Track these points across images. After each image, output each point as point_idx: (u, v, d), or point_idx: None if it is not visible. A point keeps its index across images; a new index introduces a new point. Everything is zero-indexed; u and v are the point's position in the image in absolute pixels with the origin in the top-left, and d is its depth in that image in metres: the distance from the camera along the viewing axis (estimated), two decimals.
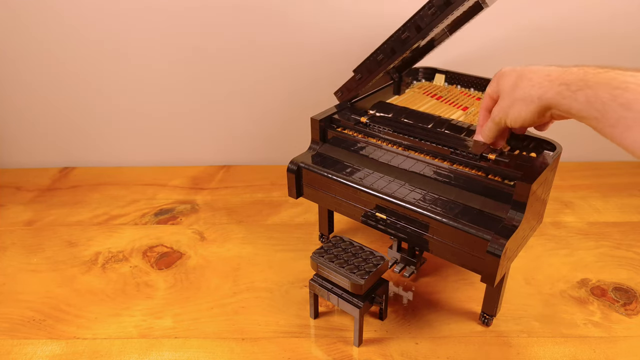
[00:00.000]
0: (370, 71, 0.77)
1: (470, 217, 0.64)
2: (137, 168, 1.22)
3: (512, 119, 0.58)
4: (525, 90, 0.55)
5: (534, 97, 0.54)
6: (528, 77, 0.55)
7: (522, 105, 0.56)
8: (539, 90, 0.54)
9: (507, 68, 0.60)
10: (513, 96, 0.57)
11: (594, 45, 1.06)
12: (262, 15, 1.05)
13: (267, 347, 0.70)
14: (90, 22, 1.06)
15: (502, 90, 0.59)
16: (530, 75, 0.55)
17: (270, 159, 1.23)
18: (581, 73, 0.50)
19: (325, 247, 0.71)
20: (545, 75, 0.53)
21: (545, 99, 0.53)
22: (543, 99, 0.53)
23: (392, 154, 0.74)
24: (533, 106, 0.55)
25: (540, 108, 0.54)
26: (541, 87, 0.53)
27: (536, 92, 0.54)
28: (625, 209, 1.00)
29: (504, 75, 0.59)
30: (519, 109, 0.57)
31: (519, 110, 0.57)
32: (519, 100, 0.56)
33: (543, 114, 0.55)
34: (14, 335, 0.73)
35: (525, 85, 0.55)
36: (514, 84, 0.57)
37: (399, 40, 0.71)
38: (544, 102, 0.53)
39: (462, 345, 0.70)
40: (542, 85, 0.53)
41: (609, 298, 0.78)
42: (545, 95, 0.53)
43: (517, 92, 0.56)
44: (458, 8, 0.65)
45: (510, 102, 0.58)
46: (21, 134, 1.20)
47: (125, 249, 0.91)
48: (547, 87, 0.53)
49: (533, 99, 0.54)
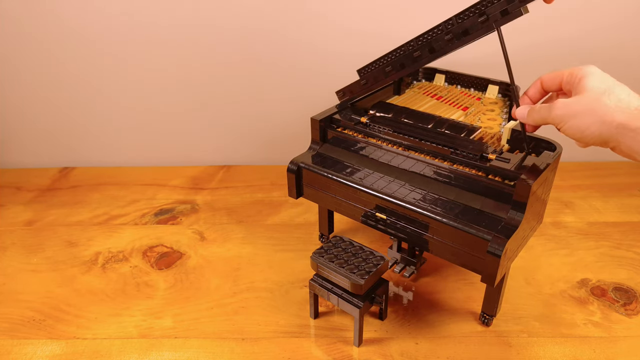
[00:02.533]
0: (377, 80, 0.77)
1: (470, 217, 0.64)
2: (137, 168, 1.22)
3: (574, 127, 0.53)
4: (611, 107, 0.50)
5: (614, 121, 0.50)
6: (620, 95, 0.51)
7: (597, 120, 0.51)
8: (622, 116, 0.49)
9: (598, 69, 0.54)
10: (594, 104, 0.51)
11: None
12: (262, 15, 1.05)
13: (267, 347, 0.70)
14: (90, 22, 1.05)
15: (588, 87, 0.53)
16: (624, 96, 0.51)
17: (270, 159, 1.23)
18: None
19: (325, 247, 0.71)
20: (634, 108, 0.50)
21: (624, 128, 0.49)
22: (621, 127, 0.49)
23: (392, 154, 0.74)
24: (605, 129, 0.51)
25: (608, 136, 0.51)
26: (630, 114, 0.49)
27: (619, 116, 0.49)
28: (625, 209, 1.00)
29: (596, 75, 0.54)
30: (590, 121, 0.51)
31: (589, 124, 0.52)
32: (597, 114, 0.51)
33: (606, 142, 0.52)
34: (14, 335, 0.73)
35: (614, 102, 0.50)
36: (605, 91, 0.52)
37: (410, 57, 0.71)
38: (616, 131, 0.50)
39: (462, 345, 0.70)
40: (631, 113, 0.49)
41: (609, 298, 0.78)
42: (629, 124, 0.49)
43: (602, 103, 0.51)
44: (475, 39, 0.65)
45: (586, 107, 0.52)
46: (21, 134, 1.20)
47: (125, 249, 0.91)
48: (635, 117, 0.49)
49: (612, 121, 0.50)
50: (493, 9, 0.62)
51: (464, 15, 0.65)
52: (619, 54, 1.07)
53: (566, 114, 0.54)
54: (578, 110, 0.53)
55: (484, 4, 0.62)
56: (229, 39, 1.07)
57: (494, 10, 0.62)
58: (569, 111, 0.54)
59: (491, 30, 0.64)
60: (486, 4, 0.62)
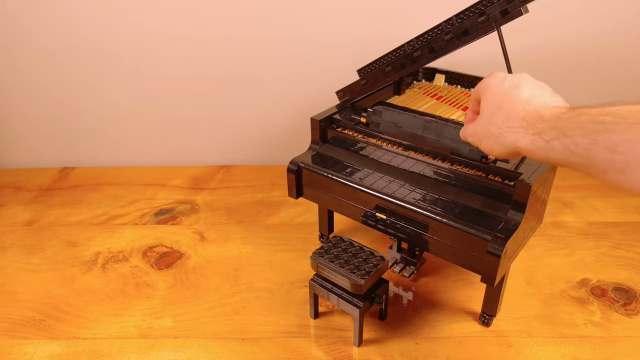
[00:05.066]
0: (377, 80, 0.77)
1: (470, 217, 0.64)
2: (137, 168, 1.22)
3: (485, 150, 0.54)
4: (501, 128, 0.50)
5: (508, 142, 0.50)
6: (505, 111, 0.50)
7: (495, 143, 0.51)
8: (513, 135, 0.49)
9: (495, 79, 0.53)
10: (488, 126, 0.52)
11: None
12: (262, 15, 1.05)
13: (267, 347, 0.70)
14: (90, 23, 1.05)
15: (482, 108, 0.54)
16: (508, 110, 0.50)
17: (270, 159, 1.23)
18: (553, 119, 0.46)
19: (325, 247, 0.71)
20: (520, 119, 0.48)
21: (518, 147, 0.49)
22: (516, 146, 0.49)
23: (392, 154, 0.74)
24: (506, 150, 0.50)
25: (514, 153, 0.50)
26: (516, 131, 0.49)
27: (511, 136, 0.49)
28: (625, 209, 1.00)
29: (488, 90, 0.53)
30: (492, 143, 0.52)
31: (492, 146, 0.52)
32: (493, 136, 0.51)
33: (516, 156, 0.52)
34: (14, 335, 0.73)
35: (501, 120, 0.50)
36: (492, 111, 0.51)
37: (410, 57, 0.71)
38: (517, 149, 0.49)
39: (462, 345, 0.70)
40: (517, 130, 0.48)
41: (609, 298, 0.78)
42: (519, 143, 0.48)
43: (493, 124, 0.51)
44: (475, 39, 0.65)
45: (484, 130, 0.53)
46: (21, 134, 1.20)
47: (125, 249, 0.91)
48: (522, 133, 0.48)
49: (507, 142, 0.50)
50: (493, 9, 0.62)
51: (464, 15, 0.65)
52: (619, 54, 1.08)
53: (474, 139, 0.55)
54: (480, 134, 0.54)
55: (484, 3, 0.62)
56: (229, 39, 1.07)
57: (494, 10, 0.62)
58: (476, 137, 0.55)
59: (491, 30, 0.64)
60: (486, 4, 0.62)
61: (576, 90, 1.08)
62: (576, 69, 1.09)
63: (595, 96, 1.11)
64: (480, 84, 0.55)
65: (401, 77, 0.89)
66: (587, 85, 1.08)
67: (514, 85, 0.51)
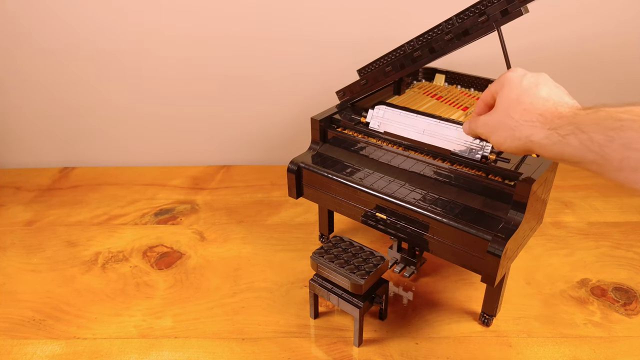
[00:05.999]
0: (377, 80, 0.77)
1: (470, 217, 0.64)
2: (137, 168, 1.22)
3: (495, 143, 0.54)
4: (517, 121, 0.51)
5: (523, 135, 0.50)
6: (524, 105, 0.50)
7: (509, 135, 0.52)
8: (529, 129, 0.49)
9: (516, 74, 0.54)
10: (504, 119, 0.52)
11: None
12: (262, 15, 1.05)
13: (267, 347, 0.70)
14: (90, 23, 1.05)
15: (499, 100, 0.54)
16: (527, 105, 0.50)
17: (270, 159, 1.23)
18: (571, 116, 0.46)
19: (325, 247, 0.71)
20: (538, 114, 0.49)
21: (532, 142, 0.49)
22: (530, 140, 0.49)
23: (392, 154, 0.74)
24: (519, 143, 0.51)
25: (526, 148, 0.51)
26: (532, 125, 0.49)
27: (526, 130, 0.50)
28: (625, 209, 1.00)
29: (509, 84, 0.53)
30: (505, 136, 0.52)
31: (504, 138, 0.52)
32: (508, 128, 0.52)
33: (528, 152, 0.52)
34: (14, 335, 0.73)
35: (519, 114, 0.51)
36: (510, 104, 0.52)
37: (410, 57, 0.71)
38: (530, 144, 0.50)
39: (462, 345, 0.70)
40: (534, 125, 0.49)
41: (609, 298, 0.78)
42: (533, 137, 0.49)
43: (509, 117, 0.52)
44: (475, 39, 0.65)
45: (499, 123, 0.53)
46: (21, 134, 1.20)
47: (125, 249, 0.91)
48: (538, 127, 0.49)
49: (521, 136, 0.50)
50: (493, 9, 0.62)
51: (464, 15, 0.65)
52: (619, 54, 1.08)
53: (486, 131, 0.56)
54: (493, 126, 0.54)
55: (484, 3, 0.62)
56: (229, 39, 1.07)
57: (494, 10, 0.62)
58: (488, 128, 0.55)
59: (491, 30, 0.64)
60: (486, 4, 0.62)
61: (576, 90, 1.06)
62: (576, 69, 1.09)
63: (595, 96, 1.11)
64: (499, 78, 0.56)
65: (401, 77, 0.90)
66: (587, 85, 1.08)
67: (534, 83, 0.52)
